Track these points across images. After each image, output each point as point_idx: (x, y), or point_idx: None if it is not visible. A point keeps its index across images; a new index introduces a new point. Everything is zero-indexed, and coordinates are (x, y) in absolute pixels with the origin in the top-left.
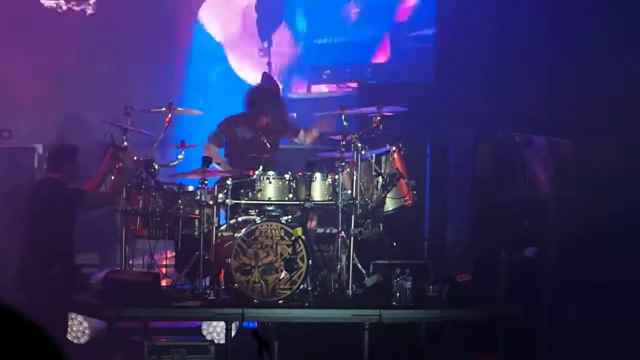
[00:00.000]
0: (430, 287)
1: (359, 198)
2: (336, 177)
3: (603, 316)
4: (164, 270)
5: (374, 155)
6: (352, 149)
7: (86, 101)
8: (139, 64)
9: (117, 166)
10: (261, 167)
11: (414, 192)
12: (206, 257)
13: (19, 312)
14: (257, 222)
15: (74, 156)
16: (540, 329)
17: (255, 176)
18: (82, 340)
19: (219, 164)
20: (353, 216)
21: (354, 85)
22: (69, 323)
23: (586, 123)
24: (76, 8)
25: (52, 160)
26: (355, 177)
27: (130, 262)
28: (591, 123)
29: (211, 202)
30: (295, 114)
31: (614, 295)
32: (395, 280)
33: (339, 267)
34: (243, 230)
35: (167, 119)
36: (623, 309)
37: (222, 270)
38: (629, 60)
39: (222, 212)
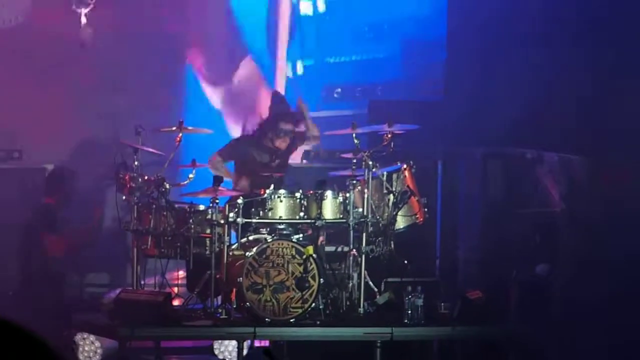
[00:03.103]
0: (442, 304)
1: (370, 216)
2: (347, 195)
3: (616, 335)
4: (175, 289)
5: (385, 173)
6: (363, 167)
7: (97, 121)
8: (151, 83)
9: (128, 186)
10: (272, 186)
11: (425, 209)
12: (217, 276)
13: (28, 330)
14: (269, 240)
15: (70, 180)
16: (552, 347)
17: (266, 195)
18: None
19: (228, 176)
20: (364, 234)
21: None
22: (81, 343)
23: (599, 139)
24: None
25: (48, 185)
26: (366, 195)
27: (142, 281)
28: (604, 139)
29: (222, 221)
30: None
31: (628, 313)
32: (406, 298)
33: (350, 285)
34: (254, 249)
35: (178, 139)
36: (637, 327)
37: (234, 289)
38: None
39: (233, 231)
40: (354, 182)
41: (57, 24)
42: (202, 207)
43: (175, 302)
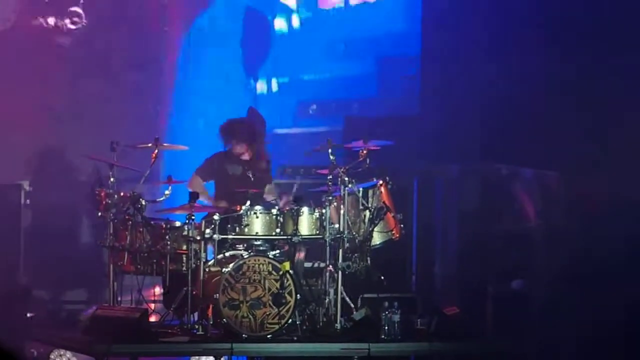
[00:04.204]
0: (419, 320)
1: (346, 232)
2: (323, 211)
3: (592, 348)
4: (152, 305)
5: (361, 189)
6: (339, 183)
7: (73, 137)
8: (126, 100)
9: (104, 202)
10: (248, 202)
11: (401, 225)
12: (194, 293)
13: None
14: (245, 257)
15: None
16: None
17: (242, 211)
18: None
19: (207, 198)
20: (340, 250)
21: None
22: (58, 359)
23: (574, 155)
24: (62, 23)
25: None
26: (342, 211)
27: (119, 298)
28: (579, 154)
29: (198, 238)
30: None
31: (604, 327)
32: (383, 314)
33: (327, 301)
34: (231, 265)
35: (154, 155)
36: (612, 339)
37: (211, 306)
38: (618, 90)
39: (209, 247)
40: (330, 198)
41: (38, 36)
42: (178, 224)
43: (152, 319)
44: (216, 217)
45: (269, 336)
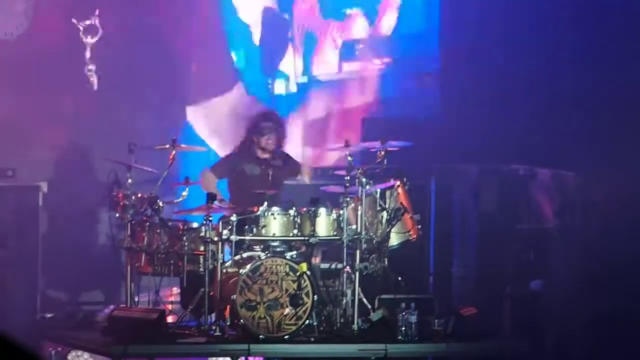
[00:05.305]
0: (436, 321)
1: (363, 233)
2: (341, 212)
3: (612, 350)
4: (169, 306)
5: (378, 190)
6: (357, 184)
7: (90, 139)
8: (144, 101)
9: (121, 204)
10: (265, 203)
11: (419, 226)
12: (211, 294)
13: (22, 344)
14: (262, 258)
15: None
16: None
17: (259, 212)
18: None
19: (220, 200)
20: (358, 251)
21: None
22: None
23: (592, 155)
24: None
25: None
26: (359, 212)
27: (136, 299)
28: (597, 155)
29: (216, 239)
30: None
31: (621, 328)
32: (400, 315)
33: (344, 302)
34: (248, 266)
35: (171, 156)
36: (631, 342)
37: (228, 306)
38: (635, 90)
39: (227, 248)
40: (348, 199)
41: (54, 39)
42: (195, 225)
43: (169, 319)
44: (233, 218)
45: (286, 337)
